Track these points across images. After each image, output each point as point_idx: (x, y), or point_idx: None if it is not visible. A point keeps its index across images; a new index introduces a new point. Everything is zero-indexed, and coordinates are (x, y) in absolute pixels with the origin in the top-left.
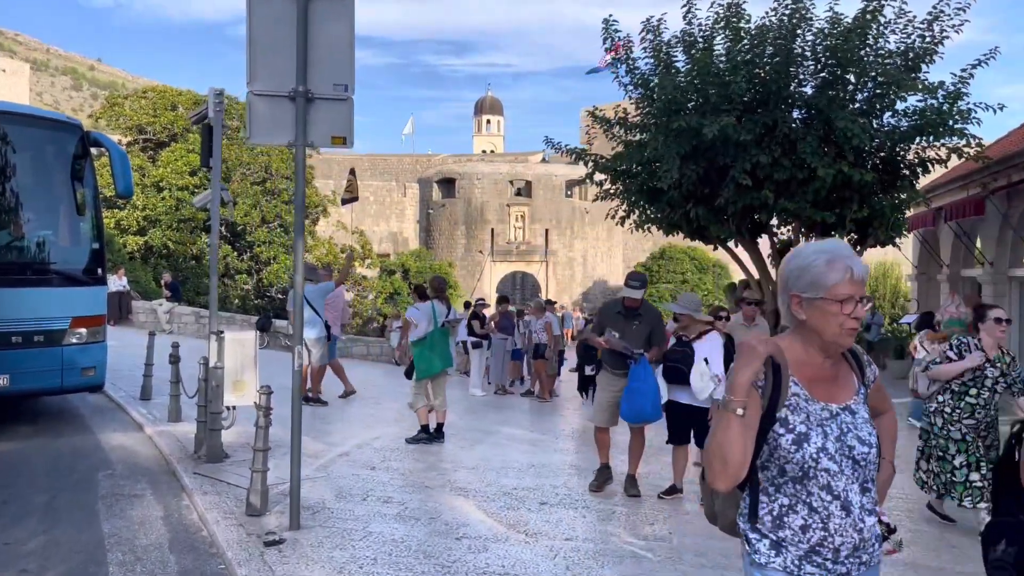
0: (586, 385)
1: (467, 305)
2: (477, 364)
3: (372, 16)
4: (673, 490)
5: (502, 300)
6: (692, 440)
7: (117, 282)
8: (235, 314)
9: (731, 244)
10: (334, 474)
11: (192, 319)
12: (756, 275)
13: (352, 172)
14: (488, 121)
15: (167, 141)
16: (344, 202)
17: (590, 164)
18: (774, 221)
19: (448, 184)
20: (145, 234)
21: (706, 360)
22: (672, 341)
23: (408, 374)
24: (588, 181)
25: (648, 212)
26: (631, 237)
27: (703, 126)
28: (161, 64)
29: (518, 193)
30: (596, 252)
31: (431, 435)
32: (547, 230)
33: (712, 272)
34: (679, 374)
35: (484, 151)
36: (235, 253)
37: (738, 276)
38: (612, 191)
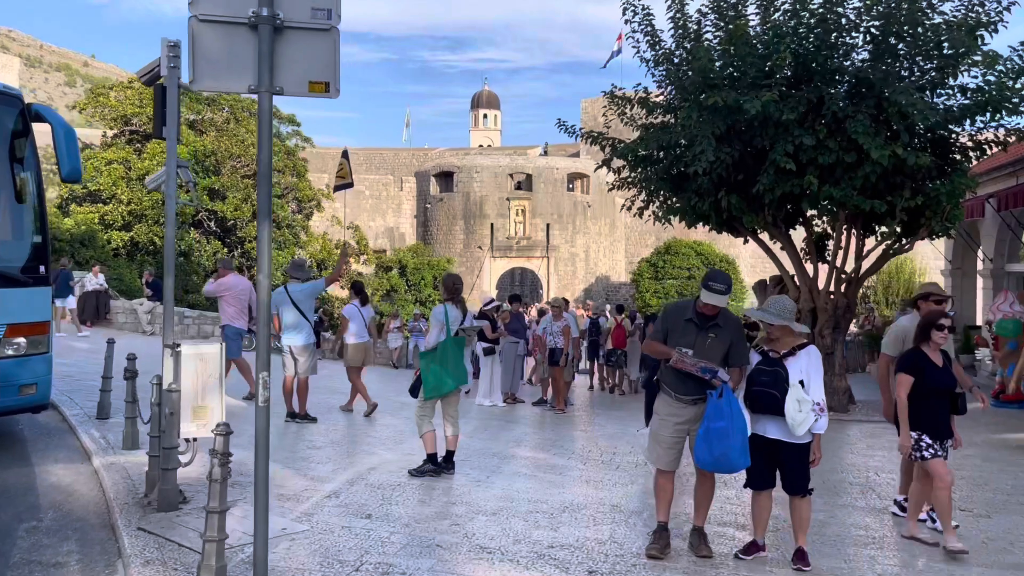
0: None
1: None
2: (487, 372)
3: (366, 12)
4: (754, 547)
5: (514, 299)
6: (778, 484)
7: (93, 280)
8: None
9: (761, 236)
10: (320, 525)
11: (175, 320)
12: (791, 270)
13: (344, 154)
14: (485, 116)
15: (152, 132)
16: (336, 188)
17: (607, 149)
18: (814, 211)
19: (446, 178)
20: (130, 229)
21: (802, 383)
22: (756, 358)
23: (414, 391)
24: (605, 168)
25: (671, 202)
26: (634, 232)
27: (743, 102)
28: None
29: (518, 187)
30: (598, 247)
31: (439, 466)
32: (548, 225)
33: (719, 268)
34: (768, 401)
35: (481, 145)
36: (225, 249)
37: (747, 271)
38: (631, 179)
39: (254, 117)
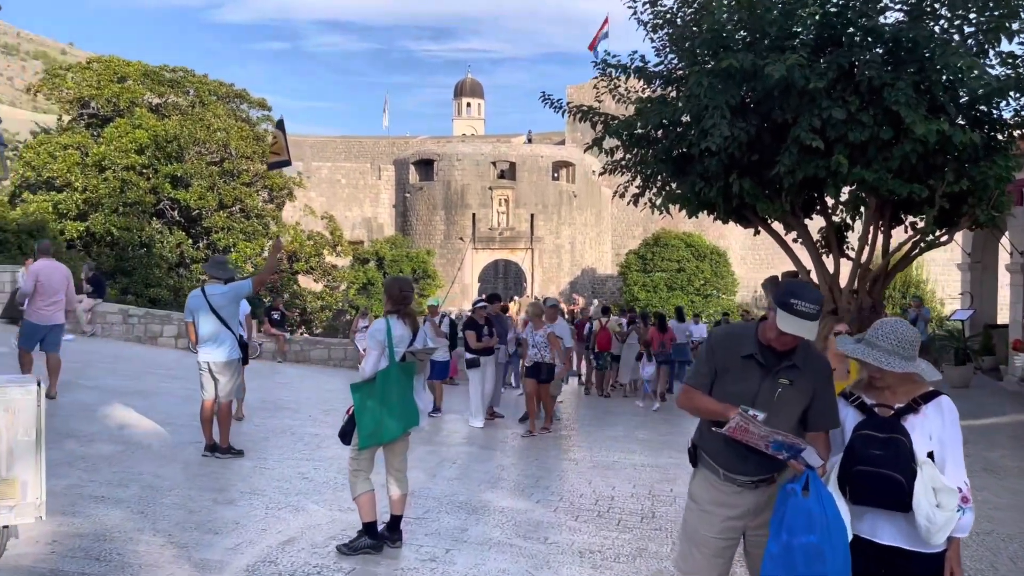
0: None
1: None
2: (477, 387)
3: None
4: None
5: (493, 298)
6: None
7: (26, 276)
8: (172, 312)
9: (773, 225)
10: None
11: (119, 318)
12: (809, 265)
13: (279, 125)
14: (469, 104)
15: (112, 116)
16: (271, 166)
17: (598, 127)
18: (844, 194)
19: (426, 166)
20: (86, 219)
21: (931, 455)
22: (852, 416)
23: (345, 436)
24: (595, 150)
25: (671, 188)
26: (620, 223)
27: (764, 66)
28: (135, 48)
29: (501, 176)
30: (584, 239)
31: (379, 538)
32: (532, 215)
33: (710, 260)
34: (885, 488)
35: (465, 135)
36: (190, 240)
37: (738, 264)
38: (625, 162)
39: (222, 101)
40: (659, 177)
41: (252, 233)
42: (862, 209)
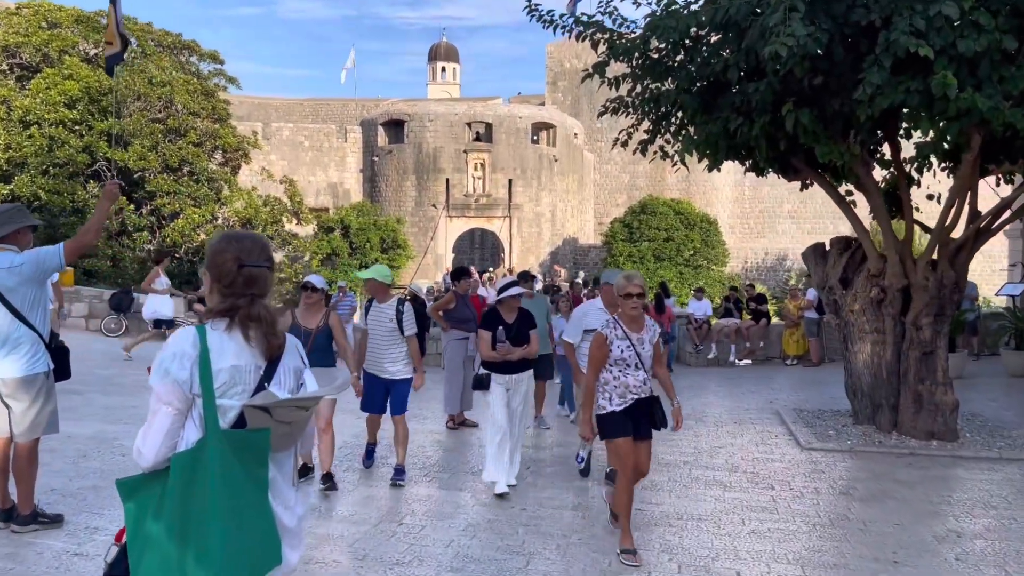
0: None
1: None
2: (495, 427)
3: None
4: None
5: (460, 273)
6: None
7: None
8: (81, 287)
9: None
10: None
11: None
12: (870, 226)
13: (112, 1)
14: (444, 69)
15: (39, 66)
16: (108, 63)
17: (601, 46)
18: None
19: (396, 127)
20: (10, 181)
21: None
22: None
23: None
24: (596, 76)
25: (687, 130)
26: (603, 190)
27: None
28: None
29: (477, 138)
30: (566, 206)
31: None
32: (510, 181)
33: (700, 228)
34: None
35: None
36: (132, 206)
37: (727, 233)
38: (631, 99)
39: (168, 51)
40: (676, 116)
41: (202, 198)
42: (932, 158)
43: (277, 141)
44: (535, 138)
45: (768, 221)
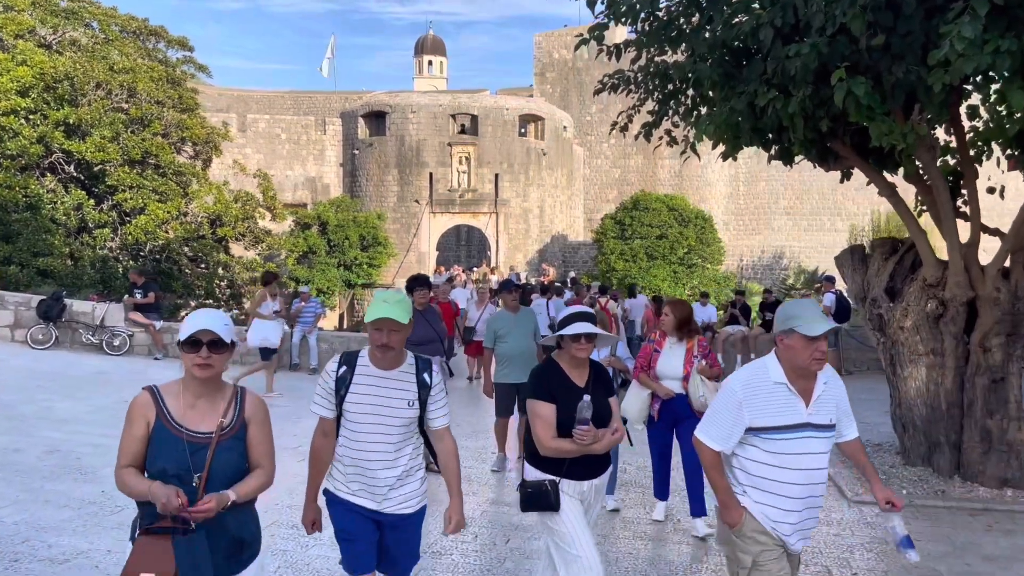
0: None
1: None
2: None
3: None
4: None
5: (417, 282)
6: None
7: None
8: (6, 293)
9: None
10: None
11: None
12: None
13: None
14: (430, 62)
15: None
16: None
17: (599, 5)
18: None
19: (377, 119)
20: None
21: None
22: None
23: None
24: (593, 42)
25: (699, 111)
26: (593, 185)
27: None
28: None
29: (462, 130)
30: (555, 202)
31: None
32: (497, 175)
33: (694, 225)
34: None
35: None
36: (91, 201)
37: (722, 229)
38: (633, 74)
39: (132, 36)
40: (687, 94)
41: (167, 193)
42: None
43: (253, 133)
44: (523, 131)
45: (764, 217)
